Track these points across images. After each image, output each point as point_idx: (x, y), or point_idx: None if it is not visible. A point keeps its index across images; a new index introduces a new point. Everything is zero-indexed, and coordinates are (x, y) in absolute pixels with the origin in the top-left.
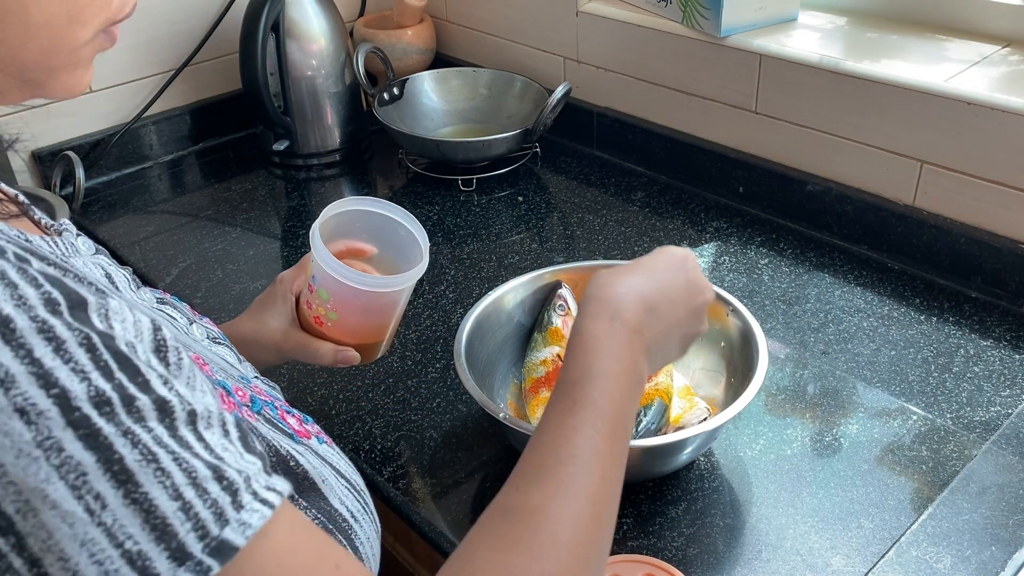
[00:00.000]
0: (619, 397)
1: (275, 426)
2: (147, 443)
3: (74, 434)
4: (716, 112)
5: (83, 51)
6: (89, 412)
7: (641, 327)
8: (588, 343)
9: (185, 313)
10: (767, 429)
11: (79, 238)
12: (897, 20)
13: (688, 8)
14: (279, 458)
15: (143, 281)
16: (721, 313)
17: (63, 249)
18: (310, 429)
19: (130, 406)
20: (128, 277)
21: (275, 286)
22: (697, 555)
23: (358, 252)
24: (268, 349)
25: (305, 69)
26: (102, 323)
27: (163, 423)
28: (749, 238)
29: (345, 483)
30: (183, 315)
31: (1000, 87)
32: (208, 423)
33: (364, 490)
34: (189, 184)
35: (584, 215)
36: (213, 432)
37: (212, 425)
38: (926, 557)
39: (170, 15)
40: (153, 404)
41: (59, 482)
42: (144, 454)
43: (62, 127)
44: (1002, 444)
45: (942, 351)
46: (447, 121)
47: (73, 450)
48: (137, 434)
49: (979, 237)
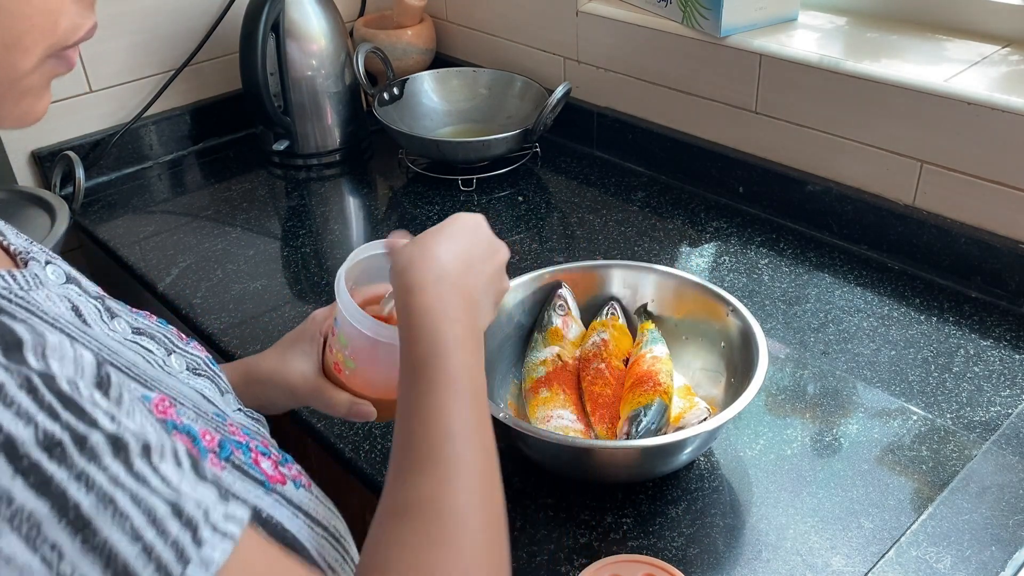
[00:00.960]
0: (471, 362)
1: (244, 473)
2: (102, 485)
3: (24, 482)
4: (716, 112)
5: (29, 80)
6: (39, 458)
7: (466, 285)
8: (424, 314)
9: (167, 341)
10: (767, 429)
11: (48, 267)
12: (897, 20)
13: (688, 8)
14: None
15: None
16: (721, 313)
17: (23, 282)
18: (286, 472)
19: (82, 446)
20: (99, 308)
21: (306, 324)
22: (697, 555)
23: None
24: (284, 392)
25: (305, 69)
26: (39, 362)
27: (118, 458)
28: (749, 238)
29: (322, 532)
30: (162, 346)
31: (1000, 87)
32: (161, 454)
33: (344, 536)
34: (189, 184)
35: (584, 215)
36: (167, 463)
37: (165, 456)
38: (926, 557)
39: (170, 15)
40: (107, 441)
41: (12, 534)
42: (100, 497)
43: (62, 127)
44: (1002, 444)
45: (942, 351)
46: (447, 121)
47: (24, 499)
48: (91, 476)
49: (979, 237)
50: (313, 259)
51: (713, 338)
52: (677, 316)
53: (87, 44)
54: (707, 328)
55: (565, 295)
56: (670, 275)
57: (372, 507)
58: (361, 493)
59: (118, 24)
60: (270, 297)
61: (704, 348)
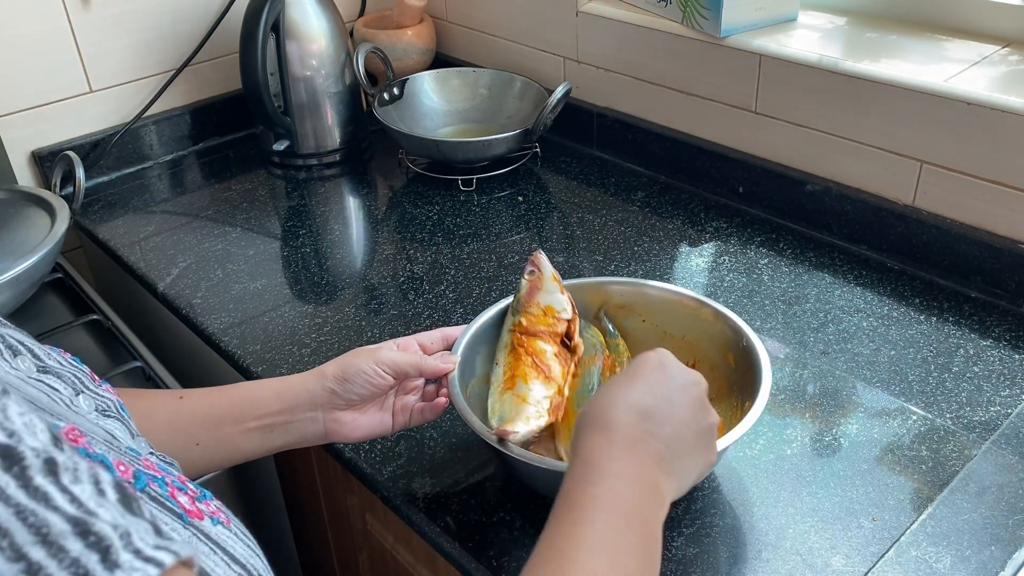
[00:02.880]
0: (626, 493)
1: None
2: None
3: None
4: (716, 112)
5: None
6: None
7: (642, 435)
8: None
9: (76, 381)
10: (767, 429)
11: None
12: (897, 20)
13: (688, 8)
14: None
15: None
16: (727, 334)
17: None
18: (204, 508)
19: None
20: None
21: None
22: (697, 555)
23: None
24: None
25: (305, 69)
26: None
27: (10, 472)
28: (749, 238)
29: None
30: (70, 386)
31: (1000, 87)
32: (75, 476)
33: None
34: (189, 184)
35: (584, 215)
36: (83, 486)
37: (81, 479)
38: (926, 557)
39: (170, 15)
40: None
41: None
42: None
43: (62, 127)
44: (1002, 444)
45: (942, 351)
46: (447, 121)
47: None
48: None
49: (979, 237)
50: (313, 259)
51: (718, 360)
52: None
53: (87, 44)
54: (710, 346)
55: (540, 258)
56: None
57: (372, 507)
58: (361, 493)
59: (118, 24)
60: (270, 297)
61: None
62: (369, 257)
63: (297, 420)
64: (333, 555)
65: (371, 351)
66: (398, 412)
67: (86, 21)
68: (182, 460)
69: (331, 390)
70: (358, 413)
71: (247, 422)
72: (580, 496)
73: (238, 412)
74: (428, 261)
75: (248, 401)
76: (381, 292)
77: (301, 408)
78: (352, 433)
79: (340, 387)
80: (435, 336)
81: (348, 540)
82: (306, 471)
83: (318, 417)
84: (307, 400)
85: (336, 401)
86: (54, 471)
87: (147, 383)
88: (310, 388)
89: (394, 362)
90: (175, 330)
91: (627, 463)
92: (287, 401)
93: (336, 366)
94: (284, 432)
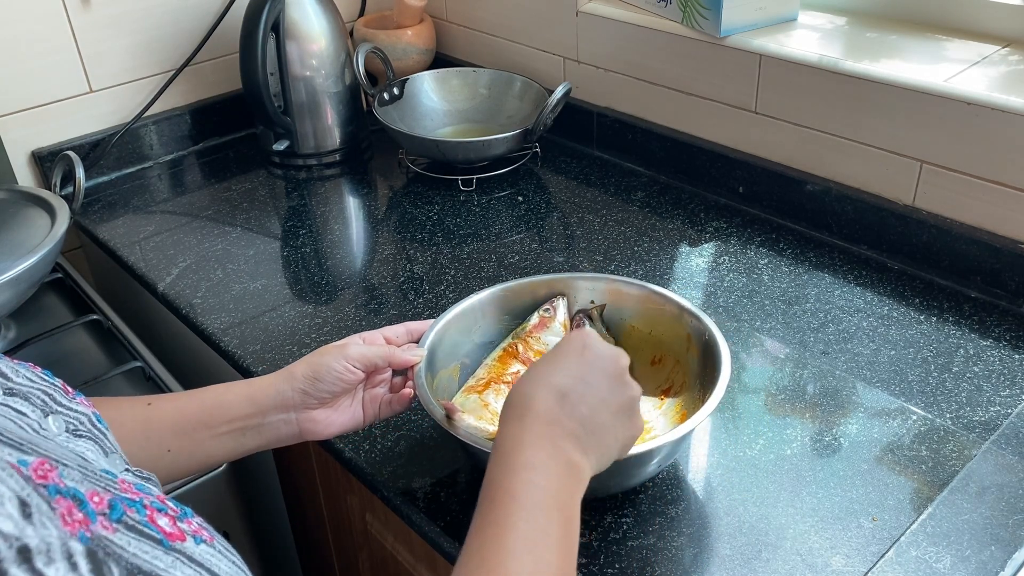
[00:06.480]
0: (542, 481)
1: (140, 533)
2: None
3: None
4: (716, 112)
5: None
6: None
7: (557, 416)
8: (504, 445)
9: (45, 400)
10: (767, 429)
11: None
12: (897, 20)
13: (688, 8)
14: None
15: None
16: (691, 328)
17: None
18: (186, 528)
19: None
20: None
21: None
22: (697, 555)
23: None
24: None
25: (305, 69)
26: None
27: None
28: (749, 238)
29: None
30: (38, 407)
31: (1000, 87)
32: (48, 557)
33: None
34: (189, 184)
35: (584, 215)
36: (56, 565)
37: (54, 558)
38: (926, 557)
39: (170, 15)
40: None
41: None
42: None
43: (62, 127)
44: (1002, 444)
45: (942, 351)
46: (447, 121)
47: None
48: None
49: (979, 237)
50: (313, 259)
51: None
52: (645, 328)
53: (87, 44)
54: (673, 338)
55: (557, 303)
56: (630, 284)
57: (372, 507)
58: (361, 493)
59: (118, 24)
60: (270, 297)
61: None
62: (369, 257)
63: (269, 423)
64: (333, 555)
65: (339, 347)
66: (368, 404)
67: (86, 21)
68: (154, 468)
69: (302, 390)
70: (331, 410)
71: (218, 427)
72: (498, 494)
73: (208, 417)
74: (428, 261)
75: (218, 406)
76: (381, 292)
77: (273, 410)
78: (326, 430)
79: (311, 386)
80: (399, 330)
81: (348, 540)
82: (306, 471)
83: (291, 419)
84: (278, 402)
85: (308, 400)
86: (28, 558)
87: (147, 383)
88: (280, 389)
89: (364, 356)
90: (175, 330)
91: (540, 448)
92: (258, 404)
93: (305, 366)
94: (256, 435)
